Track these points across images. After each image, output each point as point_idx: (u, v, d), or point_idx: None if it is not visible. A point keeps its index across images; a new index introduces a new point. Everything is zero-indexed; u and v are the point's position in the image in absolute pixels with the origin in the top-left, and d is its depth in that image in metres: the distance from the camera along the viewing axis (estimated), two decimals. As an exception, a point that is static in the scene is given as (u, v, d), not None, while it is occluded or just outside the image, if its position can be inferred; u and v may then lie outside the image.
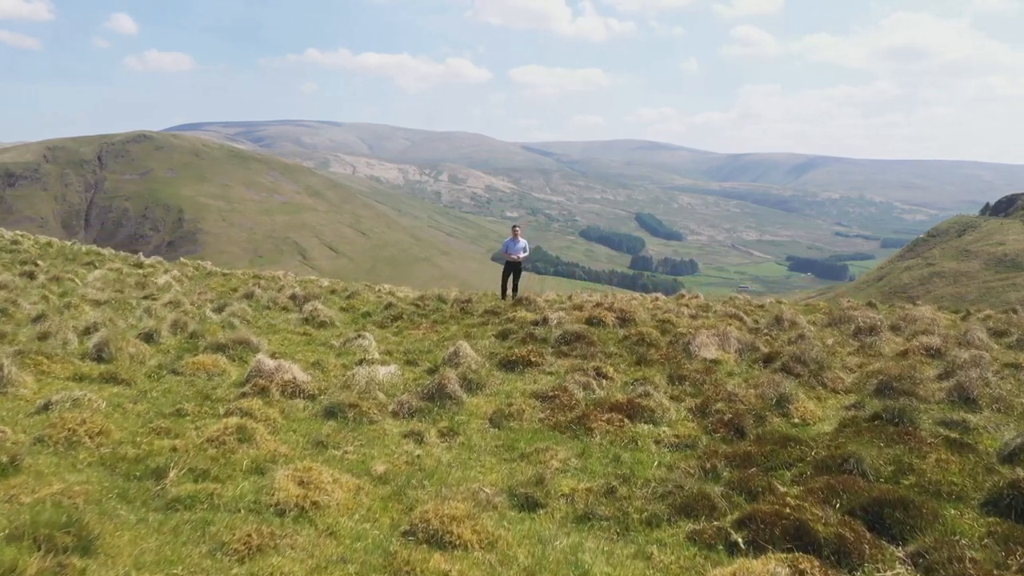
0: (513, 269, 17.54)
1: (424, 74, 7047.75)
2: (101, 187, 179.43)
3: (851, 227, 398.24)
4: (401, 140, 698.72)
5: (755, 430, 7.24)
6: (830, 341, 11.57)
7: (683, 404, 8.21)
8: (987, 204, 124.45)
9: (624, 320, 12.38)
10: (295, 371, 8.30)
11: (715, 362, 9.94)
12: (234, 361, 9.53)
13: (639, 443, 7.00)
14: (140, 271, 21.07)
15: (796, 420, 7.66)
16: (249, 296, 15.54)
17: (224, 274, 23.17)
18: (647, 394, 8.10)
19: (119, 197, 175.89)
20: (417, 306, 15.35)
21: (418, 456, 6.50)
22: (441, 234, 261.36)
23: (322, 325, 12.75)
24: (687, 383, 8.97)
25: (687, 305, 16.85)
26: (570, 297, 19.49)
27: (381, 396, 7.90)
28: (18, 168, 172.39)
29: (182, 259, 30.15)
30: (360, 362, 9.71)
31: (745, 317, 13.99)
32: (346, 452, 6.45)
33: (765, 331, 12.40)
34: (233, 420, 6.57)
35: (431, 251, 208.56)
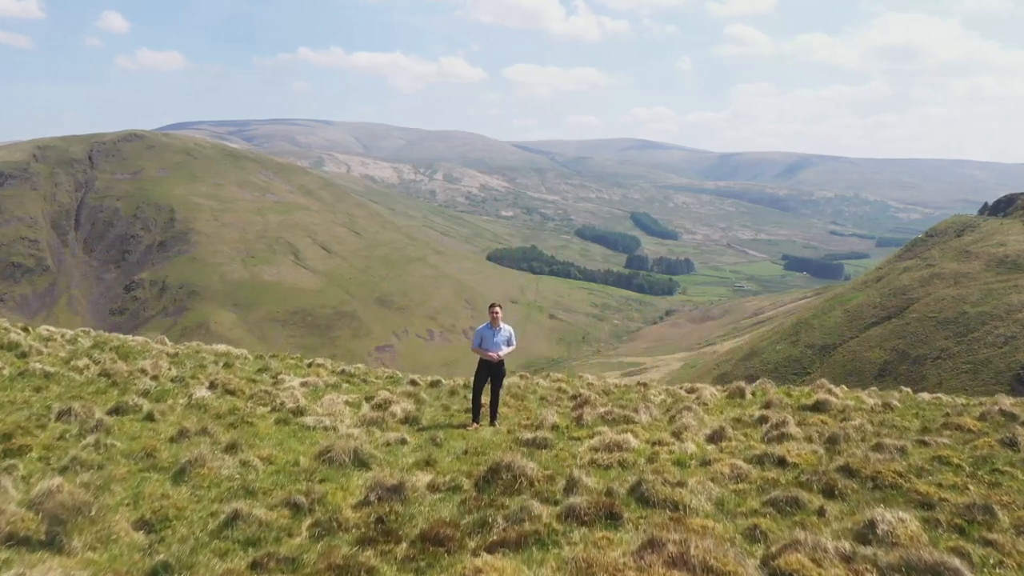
0: (491, 372, 11.50)
1: (418, 73, 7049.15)
2: (92, 187, 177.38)
3: (846, 226, 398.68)
4: (396, 139, 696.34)
5: None
6: None
7: None
8: (985, 204, 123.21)
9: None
10: None
11: None
12: None
13: None
14: None
15: None
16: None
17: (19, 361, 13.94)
18: None
19: (110, 197, 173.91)
20: (296, 509, 6.92)
21: None
22: (435, 233, 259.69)
23: None
24: None
25: (800, 462, 8.83)
26: (579, 419, 11.27)
27: None
28: (7, 168, 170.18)
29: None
30: None
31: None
32: None
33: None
34: None
35: (425, 251, 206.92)
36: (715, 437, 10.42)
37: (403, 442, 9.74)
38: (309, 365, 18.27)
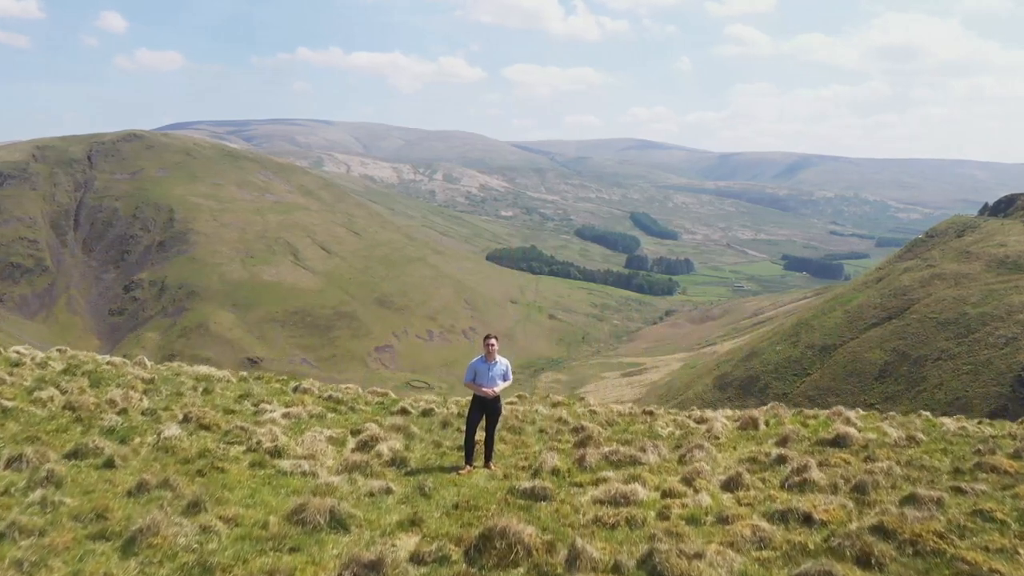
0: (485, 409, 10.76)
1: (418, 73, 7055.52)
2: (91, 187, 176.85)
3: (846, 226, 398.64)
4: (396, 139, 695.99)
5: None
6: None
7: None
8: (986, 204, 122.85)
9: None
10: None
11: None
12: None
13: None
14: None
15: None
16: None
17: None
18: None
19: (109, 197, 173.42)
20: None
21: None
22: (435, 233, 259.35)
23: None
24: None
25: (828, 519, 8.44)
26: (582, 461, 10.77)
27: None
28: (6, 168, 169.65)
29: None
30: None
31: None
32: None
33: None
34: None
35: (425, 251, 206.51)
36: (731, 484, 9.68)
37: (388, 491, 9.01)
38: (295, 390, 17.08)
